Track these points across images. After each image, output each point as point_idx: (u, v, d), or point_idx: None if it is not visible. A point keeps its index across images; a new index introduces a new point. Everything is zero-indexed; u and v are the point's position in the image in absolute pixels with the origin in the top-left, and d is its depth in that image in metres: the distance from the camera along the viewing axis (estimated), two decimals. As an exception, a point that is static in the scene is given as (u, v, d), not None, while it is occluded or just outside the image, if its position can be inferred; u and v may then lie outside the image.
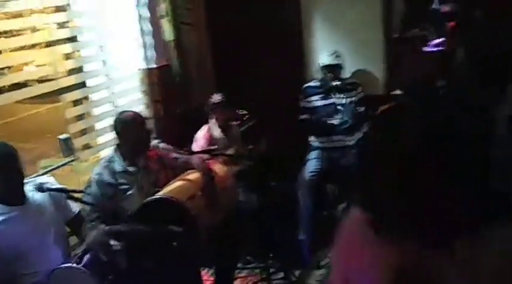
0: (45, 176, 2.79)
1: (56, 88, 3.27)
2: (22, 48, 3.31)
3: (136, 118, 3.00)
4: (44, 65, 3.26)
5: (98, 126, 3.68)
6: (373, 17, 4.37)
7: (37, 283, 2.48)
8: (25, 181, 2.53)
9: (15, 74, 3.43)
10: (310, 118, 4.12)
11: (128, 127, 2.95)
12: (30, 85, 3.36)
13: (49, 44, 3.25)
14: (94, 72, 3.68)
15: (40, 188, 2.50)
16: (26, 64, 3.59)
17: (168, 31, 3.99)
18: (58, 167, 3.44)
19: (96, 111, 3.71)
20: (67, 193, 2.50)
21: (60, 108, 3.38)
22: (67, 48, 3.48)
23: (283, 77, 4.43)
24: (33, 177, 2.78)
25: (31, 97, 3.23)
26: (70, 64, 3.51)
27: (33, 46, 3.32)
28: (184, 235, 2.53)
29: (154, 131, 3.87)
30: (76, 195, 2.58)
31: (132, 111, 3.09)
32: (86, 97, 3.65)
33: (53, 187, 2.52)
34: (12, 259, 2.44)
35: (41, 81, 3.28)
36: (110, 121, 3.14)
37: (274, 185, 4.07)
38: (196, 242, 2.66)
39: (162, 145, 3.04)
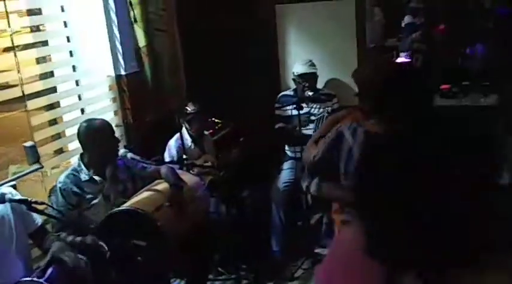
0: (5, 186, 2.68)
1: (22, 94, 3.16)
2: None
3: (102, 127, 2.93)
4: (8, 70, 3.15)
5: (68, 132, 3.59)
6: (349, 27, 4.36)
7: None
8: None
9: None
10: (284, 127, 4.08)
11: (93, 136, 2.89)
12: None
13: (14, 48, 3.14)
14: (64, 78, 3.59)
15: (1, 199, 2.40)
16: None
17: (140, 37, 3.91)
18: (26, 174, 3.34)
19: (66, 118, 3.62)
20: (29, 204, 2.39)
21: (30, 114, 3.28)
22: (34, 52, 3.38)
23: (257, 85, 4.40)
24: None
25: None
26: (39, 69, 3.43)
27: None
28: (149, 249, 2.45)
29: (124, 139, 3.80)
30: (39, 206, 2.47)
31: (98, 119, 3.01)
32: (53, 104, 3.55)
33: (14, 198, 2.41)
34: None
35: (3, 87, 3.16)
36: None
37: (246, 195, 4.00)
38: (162, 254, 2.58)
39: (130, 154, 2.96)
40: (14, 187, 3.24)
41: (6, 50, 3.11)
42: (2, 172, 3.45)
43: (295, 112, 3.92)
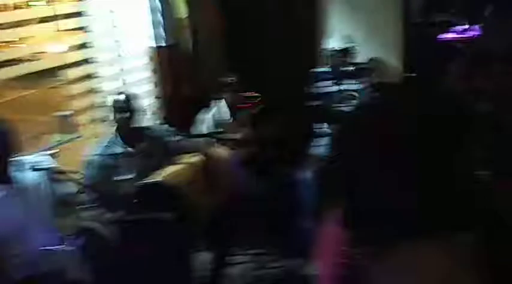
0: (40, 155, 2.73)
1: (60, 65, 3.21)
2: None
3: (131, 98, 2.92)
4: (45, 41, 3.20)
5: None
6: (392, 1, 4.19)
7: (27, 263, 2.44)
8: (19, 158, 2.49)
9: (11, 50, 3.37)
10: (321, 104, 3.99)
11: (123, 107, 2.88)
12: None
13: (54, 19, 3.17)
14: (104, 48, 3.62)
15: (34, 167, 2.44)
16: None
17: (180, 8, 3.87)
18: (63, 143, 3.41)
19: (105, 87, 3.66)
20: (61, 173, 2.43)
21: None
22: (74, 23, 3.40)
23: (296, 61, 4.29)
24: (31, 155, 2.74)
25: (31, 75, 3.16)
26: (78, 39, 3.46)
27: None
28: (176, 222, 2.46)
29: (161, 111, 3.82)
30: (71, 175, 2.51)
31: (125, 93, 3.01)
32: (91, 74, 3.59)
33: (47, 166, 2.45)
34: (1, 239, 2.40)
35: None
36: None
37: (281, 171, 3.96)
38: (189, 228, 2.60)
39: (165, 126, 2.97)
40: (54, 155, 3.34)
41: (45, 19, 3.14)
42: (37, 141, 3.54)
43: (331, 89, 3.82)
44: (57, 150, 3.36)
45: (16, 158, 2.43)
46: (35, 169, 2.44)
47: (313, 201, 3.85)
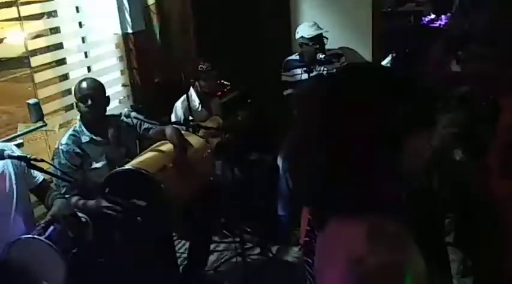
0: (6, 143, 2.65)
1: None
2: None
3: (92, 85, 2.85)
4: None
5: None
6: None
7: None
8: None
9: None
10: (292, 93, 3.99)
11: (82, 94, 2.81)
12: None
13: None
14: (70, 34, 3.53)
15: (0, 155, 2.37)
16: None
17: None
18: (28, 132, 3.32)
19: (72, 75, 3.57)
20: (27, 161, 2.36)
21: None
22: (38, 8, 3.30)
23: (269, 49, 4.28)
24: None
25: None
26: (43, 25, 3.37)
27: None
28: (150, 209, 2.42)
29: (130, 99, 3.75)
30: (39, 163, 2.44)
31: (88, 78, 2.93)
32: (60, 61, 3.50)
33: (14, 154, 2.38)
34: None
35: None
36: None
37: (254, 159, 3.95)
38: (164, 215, 2.56)
39: (133, 114, 2.91)
40: (21, 145, 3.25)
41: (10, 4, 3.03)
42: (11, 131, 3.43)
43: (304, 76, 3.81)
44: (21, 141, 3.28)
45: None
46: (0, 157, 2.37)
47: (290, 187, 3.87)
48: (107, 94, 2.93)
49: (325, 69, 3.97)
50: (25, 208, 2.55)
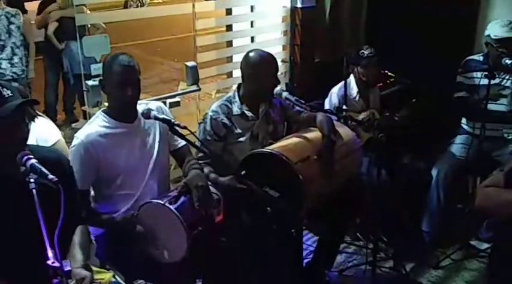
0: (157, 102, 2.63)
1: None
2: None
3: (267, 61, 2.70)
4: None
5: (236, 58, 3.47)
6: None
7: (128, 209, 2.37)
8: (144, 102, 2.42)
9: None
10: (467, 97, 3.50)
11: (255, 68, 2.66)
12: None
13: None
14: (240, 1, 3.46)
15: (147, 114, 2.34)
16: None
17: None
18: (181, 94, 3.36)
19: (235, 43, 3.52)
20: (171, 125, 2.30)
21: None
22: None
23: (447, 44, 3.80)
24: (147, 100, 2.67)
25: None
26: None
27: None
28: (281, 202, 2.22)
29: (287, 76, 3.59)
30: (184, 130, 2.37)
31: (264, 52, 2.77)
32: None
33: (159, 116, 2.33)
34: (110, 175, 2.37)
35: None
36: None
37: (406, 163, 3.58)
38: (295, 211, 2.36)
39: (285, 94, 2.71)
40: (177, 104, 3.29)
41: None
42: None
43: (483, 81, 3.31)
44: (179, 99, 3.30)
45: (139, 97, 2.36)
46: (146, 116, 2.35)
47: (441, 202, 3.46)
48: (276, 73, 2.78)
49: (511, 78, 3.42)
50: (162, 168, 2.52)
